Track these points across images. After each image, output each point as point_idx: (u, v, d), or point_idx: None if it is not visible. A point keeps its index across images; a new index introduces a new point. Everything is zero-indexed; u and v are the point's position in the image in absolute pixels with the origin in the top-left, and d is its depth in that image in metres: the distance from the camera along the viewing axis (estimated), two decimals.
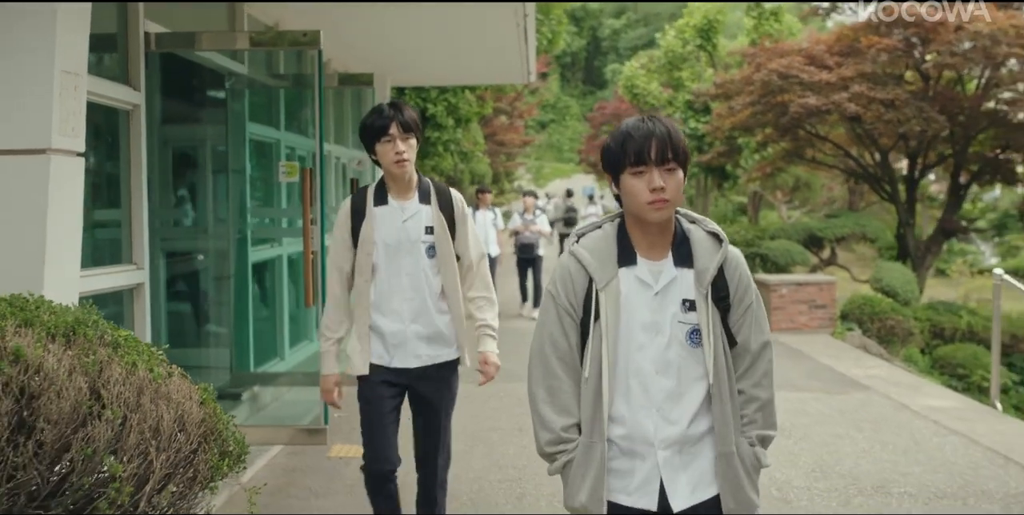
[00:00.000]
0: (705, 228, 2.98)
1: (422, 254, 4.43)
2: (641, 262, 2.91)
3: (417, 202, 4.47)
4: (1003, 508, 6.00)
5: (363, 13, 8.83)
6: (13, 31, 4.46)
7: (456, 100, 17.81)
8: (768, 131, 18.41)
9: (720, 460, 2.87)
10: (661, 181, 2.80)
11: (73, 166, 4.68)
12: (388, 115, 4.36)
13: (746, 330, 2.94)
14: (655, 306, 2.88)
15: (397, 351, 4.44)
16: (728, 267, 2.93)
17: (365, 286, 4.44)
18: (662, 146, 2.81)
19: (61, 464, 2.88)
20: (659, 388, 2.87)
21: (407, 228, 4.43)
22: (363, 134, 4.45)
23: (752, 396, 2.93)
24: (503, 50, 11.54)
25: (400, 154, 4.36)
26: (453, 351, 4.53)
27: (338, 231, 4.47)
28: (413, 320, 4.42)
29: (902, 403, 9.36)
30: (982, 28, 14.31)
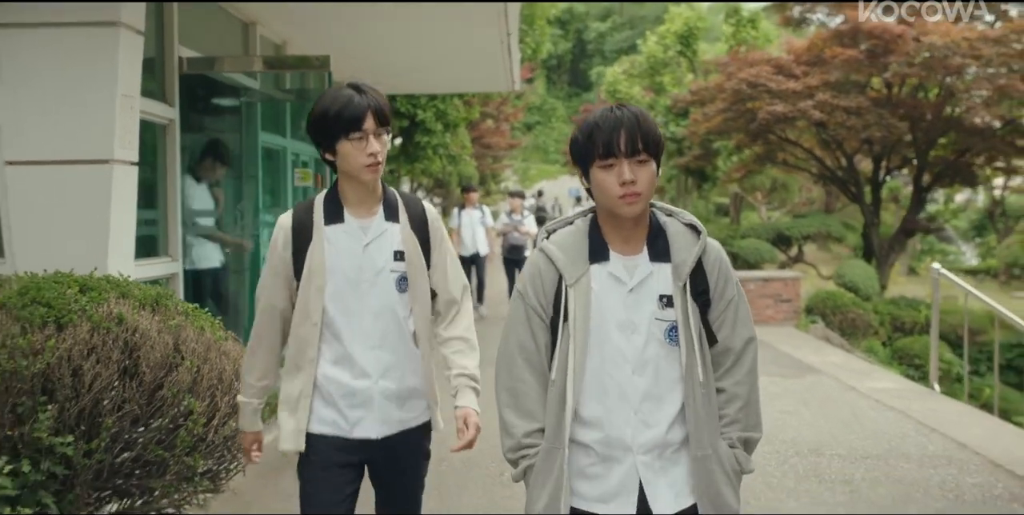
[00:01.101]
0: (682, 220, 2.83)
1: (390, 287, 3.29)
2: (614, 257, 2.77)
3: (382, 219, 3.32)
4: (918, 466, 6.98)
5: (360, 28, 9.78)
6: (81, 63, 5.43)
7: (445, 106, 18.73)
8: (740, 136, 19.43)
9: (695, 464, 2.71)
10: (631, 174, 2.66)
11: (129, 173, 5.64)
12: (360, 103, 3.15)
13: (728, 326, 2.79)
14: (630, 303, 2.74)
15: (359, 416, 3.28)
16: (707, 260, 2.78)
17: (312, 333, 3.25)
18: (631, 136, 2.66)
19: (155, 399, 3.83)
20: (636, 390, 2.72)
21: (370, 254, 3.28)
22: (320, 126, 3.21)
23: (734, 394, 2.78)
24: (488, 62, 12.50)
25: (375, 155, 3.18)
26: (426, 410, 3.42)
27: (274, 258, 3.32)
28: (382, 375, 3.28)
29: (850, 385, 10.34)
30: (936, 41, 15.34)
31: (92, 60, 5.43)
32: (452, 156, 20.47)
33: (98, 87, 5.43)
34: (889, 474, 6.76)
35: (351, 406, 3.28)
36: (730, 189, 32.90)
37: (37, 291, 3.81)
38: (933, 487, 6.44)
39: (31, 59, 5.41)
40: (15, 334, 3.65)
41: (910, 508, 6.00)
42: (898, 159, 19.09)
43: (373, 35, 10.26)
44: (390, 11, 8.93)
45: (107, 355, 3.71)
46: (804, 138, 19.60)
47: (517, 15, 11.33)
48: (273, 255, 3.33)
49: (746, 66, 17.76)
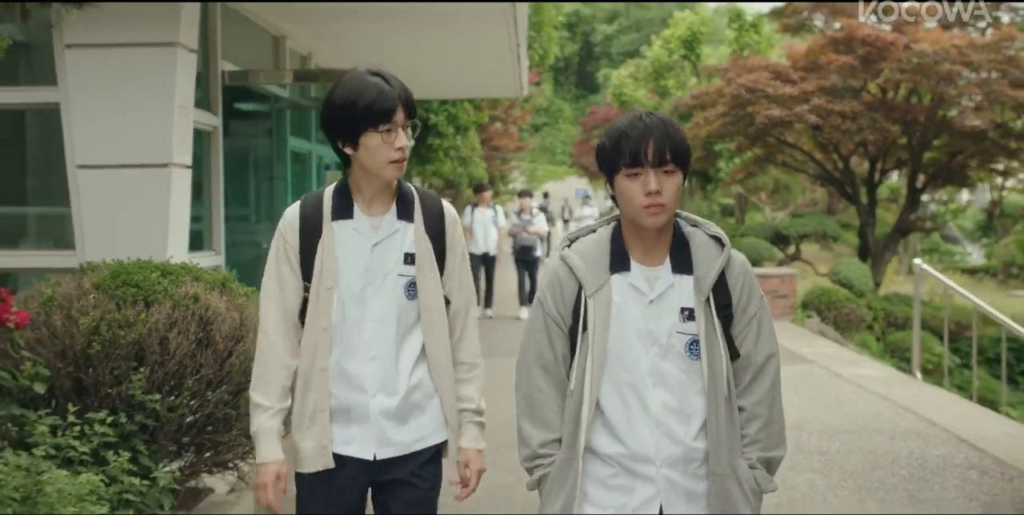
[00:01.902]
0: (707, 231, 2.77)
1: (398, 293, 3.03)
2: (635, 268, 2.73)
3: (395, 217, 3.07)
4: (889, 440, 7.70)
5: (379, 39, 10.52)
6: (144, 78, 6.19)
7: (456, 110, 19.48)
8: (740, 139, 20.16)
9: (714, 482, 2.66)
10: (657, 184, 2.61)
11: (184, 175, 6.40)
12: (391, 94, 2.90)
13: (750, 341, 2.72)
14: (650, 315, 2.69)
15: (353, 433, 3.02)
16: (731, 273, 2.73)
17: (324, 339, 3.00)
18: (660, 146, 2.60)
19: (225, 365, 4.58)
20: (657, 402, 2.67)
21: (379, 255, 3.03)
22: (345, 117, 2.92)
23: (754, 414, 2.71)
24: (498, 71, 13.25)
25: (403, 150, 2.95)
26: (438, 432, 3.11)
27: (279, 254, 3.05)
28: (379, 389, 3.01)
29: (837, 373, 11.07)
30: (927, 48, 16.05)
31: (153, 75, 6.18)
32: (463, 158, 21.23)
33: (158, 99, 6.19)
34: (862, 446, 7.49)
35: (346, 421, 3.01)
36: (734, 190, 33.65)
37: (127, 275, 4.56)
38: (900, 457, 7.17)
39: (100, 75, 6.17)
40: (112, 310, 4.39)
41: (877, 474, 6.72)
42: (892, 161, 19.77)
43: (390, 46, 11.00)
44: (407, 24, 9.67)
45: (186, 328, 4.45)
46: (802, 141, 20.29)
47: (525, 27, 12.08)
48: (279, 250, 3.04)
49: (745, 72, 18.49)
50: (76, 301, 4.47)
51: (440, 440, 3.10)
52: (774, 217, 33.33)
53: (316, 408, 2.99)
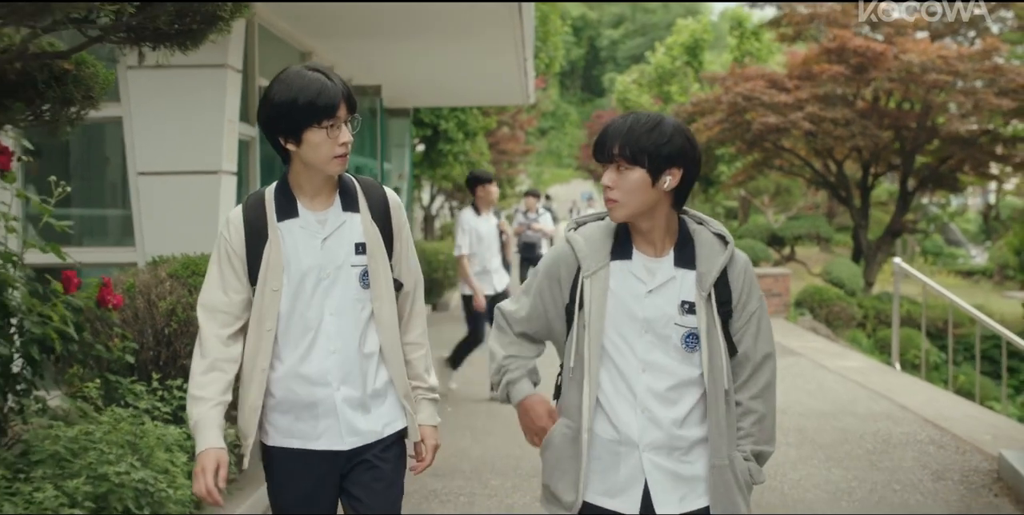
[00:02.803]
0: (711, 229, 2.85)
1: (353, 283, 3.05)
2: (637, 257, 2.81)
3: (340, 210, 3.08)
4: (860, 421, 8.51)
5: (397, 55, 11.37)
6: (197, 96, 7.03)
7: (465, 116, 20.30)
8: (738, 144, 20.99)
9: (713, 472, 2.76)
10: (609, 180, 2.73)
11: (231, 181, 7.24)
12: (334, 90, 2.90)
13: (749, 339, 2.80)
14: (647, 304, 2.77)
15: (324, 427, 3.04)
16: (732, 271, 2.81)
17: (267, 339, 2.99)
18: (612, 143, 2.71)
19: None
20: (645, 387, 2.76)
21: (329, 249, 3.04)
22: (286, 113, 2.89)
23: (749, 408, 2.80)
24: (506, 81, 14.12)
25: (347, 145, 2.96)
26: (400, 418, 3.15)
27: (222, 258, 3.04)
28: (342, 381, 3.03)
29: (822, 364, 11.88)
30: (914, 58, 16.86)
31: (205, 93, 7.03)
32: (471, 162, 22.04)
33: (210, 114, 7.04)
34: (835, 425, 8.31)
35: (313, 416, 3.02)
36: (735, 193, 34.44)
37: (195, 265, 5.41)
38: (868, 434, 7.99)
39: (158, 93, 7.02)
40: (185, 295, 5.24)
41: (845, 447, 7.54)
42: (884, 165, 20.57)
43: (405, 58, 11.85)
44: (421, 39, 10.54)
45: None
46: (798, 146, 21.10)
47: (532, 41, 12.94)
48: (222, 255, 3.03)
49: (742, 80, 19.32)
50: (154, 288, 5.31)
51: (403, 426, 3.13)
52: (776, 220, 34.13)
53: (252, 407, 2.99)
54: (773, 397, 2.85)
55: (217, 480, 2.86)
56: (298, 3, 8.33)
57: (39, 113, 4.16)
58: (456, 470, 6.71)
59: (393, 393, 3.12)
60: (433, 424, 3.22)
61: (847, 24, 19.14)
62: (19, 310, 4.35)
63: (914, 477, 6.75)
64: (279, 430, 3.05)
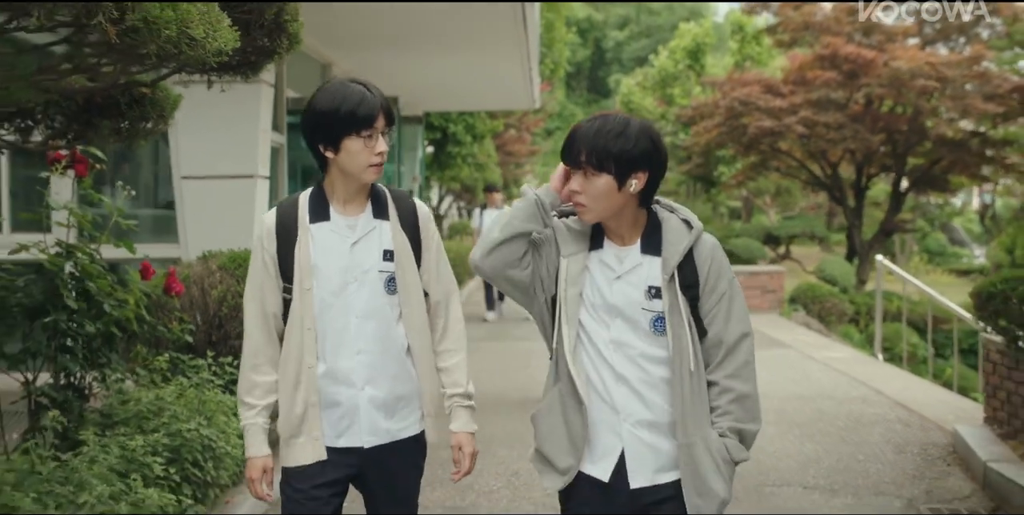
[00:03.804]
0: (680, 216, 2.91)
1: (379, 289, 3.16)
2: (607, 246, 2.90)
3: (371, 216, 3.20)
4: (837, 404, 9.29)
5: (406, 60, 12.19)
6: (235, 108, 7.82)
7: (473, 120, 21.10)
8: (736, 146, 21.78)
9: (682, 450, 2.80)
10: (577, 185, 2.80)
11: (265, 184, 8.04)
12: (373, 101, 3.06)
13: (720, 321, 2.83)
14: (616, 290, 2.85)
15: (344, 426, 3.15)
16: (699, 254, 2.84)
17: (309, 338, 3.11)
18: (579, 150, 2.77)
19: None
20: (621, 365, 2.84)
21: (357, 253, 3.16)
22: (328, 122, 3.05)
23: (726, 387, 2.82)
24: (513, 87, 14.92)
25: (382, 155, 3.11)
26: (418, 421, 3.24)
27: (257, 260, 3.20)
28: (368, 382, 3.14)
29: (809, 355, 12.65)
30: (902, 65, 17.64)
31: (242, 106, 7.84)
32: (479, 164, 22.83)
33: (246, 124, 7.84)
34: (813, 407, 9.08)
35: (337, 415, 3.12)
36: (739, 193, 35.22)
37: (240, 259, 6.21)
38: (842, 414, 8.77)
39: (200, 106, 7.79)
40: (233, 284, 6.04)
41: (819, 425, 8.32)
42: (877, 167, 21.33)
43: (418, 67, 12.67)
44: (433, 50, 11.35)
45: None
46: (794, 149, 21.87)
47: (537, 51, 13.73)
48: (257, 257, 3.18)
49: (739, 86, 20.12)
50: (206, 278, 6.12)
51: (421, 429, 3.21)
52: (777, 220, 34.87)
53: (307, 404, 3.09)
54: (752, 375, 2.86)
55: (264, 485, 3.14)
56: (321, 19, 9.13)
57: (119, 129, 4.94)
58: None
59: (417, 397, 3.21)
60: (470, 431, 3.26)
61: (840, 31, 19.90)
62: (100, 294, 5.15)
63: (878, 450, 7.53)
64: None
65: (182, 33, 2.97)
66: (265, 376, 3.14)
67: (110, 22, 2.84)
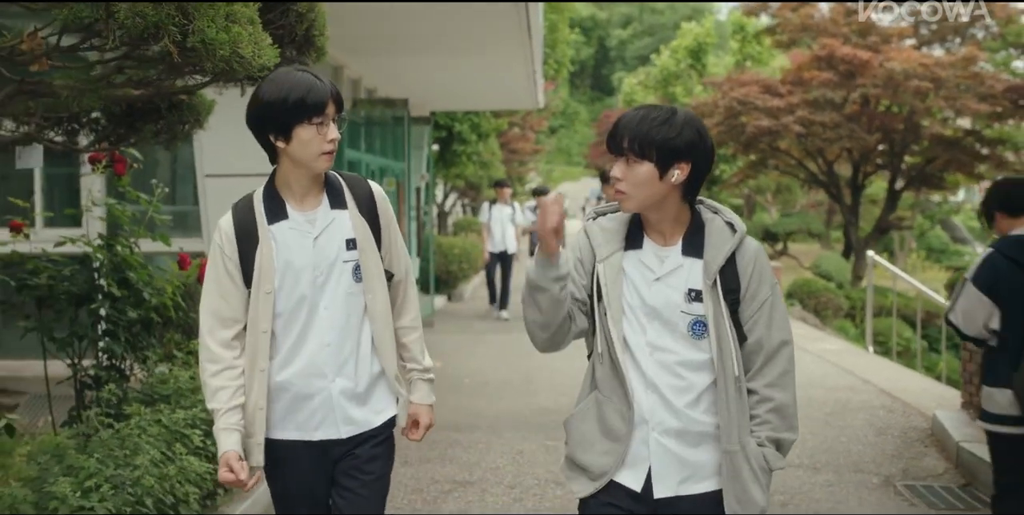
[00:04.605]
0: (724, 218, 2.87)
1: (347, 278, 3.15)
2: (647, 246, 2.85)
3: (328, 208, 3.16)
4: (825, 391, 9.76)
5: (415, 63, 12.67)
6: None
7: (478, 119, 21.56)
8: (735, 145, 22.26)
9: (724, 458, 2.79)
10: (619, 172, 2.77)
11: None
12: (323, 88, 3.03)
13: (761, 327, 2.81)
14: (655, 291, 2.81)
15: (320, 418, 3.16)
16: (741, 259, 2.81)
17: (263, 341, 3.10)
18: (622, 137, 2.75)
19: None
20: (654, 371, 2.81)
21: (321, 247, 3.13)
22: (277, 110, 3.00)
23: (765, 396, 2.80)
24: (517, 89, 15.42)
25: (334, 142, 3.07)
26: (391, 407, 3.28)
27: (217, 264, 3.15)
28: (338, 372, 3.15)
29: (803, 347, 13.08)
30: (896, 66, 18.11)
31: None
32: (484, 162, 23.29)
33: None
34: (802, 394, 9.32)
35: (311, 408, 3.14)
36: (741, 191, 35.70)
37: None
38: (830, 400, 9.24)
39: (221, 107, 8.26)
40: None
41: (807, 410, 8.77)
42: (873, 165, 21.80)
43: (425, 69, 13.16)
44: (440, 52, 11.83)
45: None
46: (793, 148, 22.34)
47: (540, 55, 14.22)
48: (217, 261, 3.13)
49: (738, 86, 20.60)
50: None
51: (394, 414, 3.26)
52: (777, 217, 35.34)
53: (256, 407, 3.10)
54: (792, 385, 2.86)
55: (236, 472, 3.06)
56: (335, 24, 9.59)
57: (158, 132, 5.42)
58: (474, 425, 7.99)
59: (384, 383, 3.23)
60: (428, 403, 3.35)
61: (837, 33, 20.35)
62: (139, 283, 5.64)
63: (860, 433, 8.00)
64: (277, 422, 3.16)
65: (234, 53, 3.43)
66: (229, 381, 3.10)
67: (174, 44, 3.31)
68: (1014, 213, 4.67)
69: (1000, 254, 4.59)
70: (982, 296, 4.55)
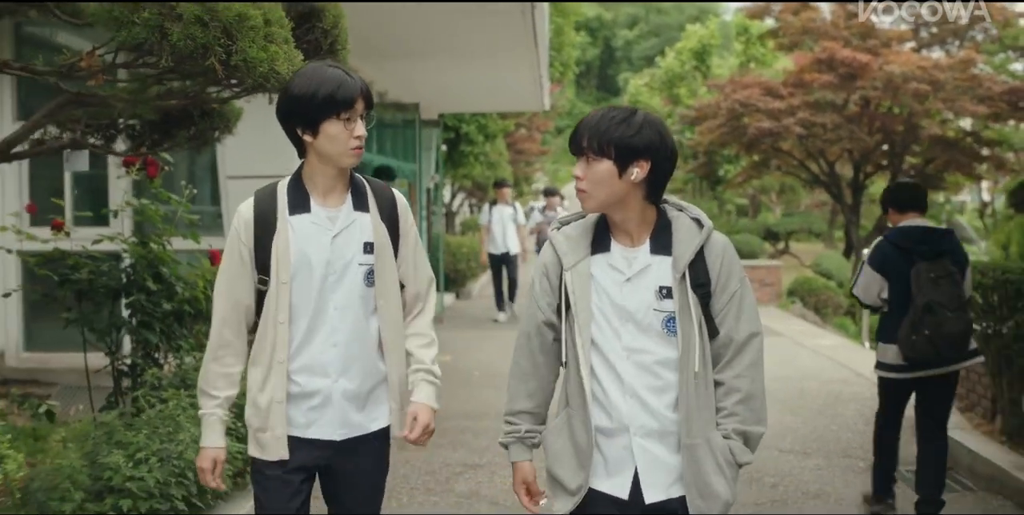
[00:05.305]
0: (689, 214, 2.89)
1: (358, 281, 3.15)
2: (615, 249, 2.86)
3: (351, 208, 3.17)
4: (819, 384, 10.16)
5: (423, 67, 13.08)
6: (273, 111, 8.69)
7: (485, 120, 21.96)
8: (737, 146, 22.67)
9: (684, 452, 2.78)
10: (579, 171, 2.80)
11: None
12: (353, 85, 3.04)
13: (731, 319, 2.82)
14: (626, 292, 2.82)
15: (315, 417, 3.15)
16: (709, 253, 2.83)
17: (282, 332, 3.09)
18: (582, 136, 2.78)
19: None
20: (632, 375, 2.81)
21: (338, 246, 3.13)
22: (307, 105, 3.02)
23: (732, 387, 2.81)
24: (523, 92, 15.81)
25: (361, 138, 3.09)
26: (386, 415, 3.27)
27: (232, 251, 3.17)
28: (341, 373, 3.14)
29: (800, 343, 13.53)
30: (895, 69, 18.49)
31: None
32: (491, 163, 23.69)
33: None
34: (796, 386, 9.97)
35: (309, 407, 3.11)
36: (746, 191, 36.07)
37: None
38: (822, 392, 9.66)
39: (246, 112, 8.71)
40: None
41: (800, 401, 9.21)
42: (873, 166, 22.17)
43: (434, 73, 13.58)
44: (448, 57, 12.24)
45: None
46: (794, 148, 22.73)
47: (546, 59, 14.64)
48: (233, 248, 3.13)
49: (740, 88, 20.99)
50: None
51: (388, 423, 3.24)
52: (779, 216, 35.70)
53: (273, 400, 3.07)
54: (760, 377, 2.86)
55: (215, 476, 3.13)
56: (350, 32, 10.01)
57: (191, 137, 5.84)
58: (484, 414, 8.40)
59: (386, 390, 3.22)
60: (431, 405, 3.24)
61: (837, 36, 20.73)
62: (171, 277, 6.06)
63: (850, 421, 8.41)
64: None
65: (271, 69, 3.85)
66: (228, 368, 3.12)
67: (219, 62, 3.74)
68: (900, 209, 5.82)
69: (887, 241, 5.72)
70: (875, 274, 5.69)
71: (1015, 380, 7.04)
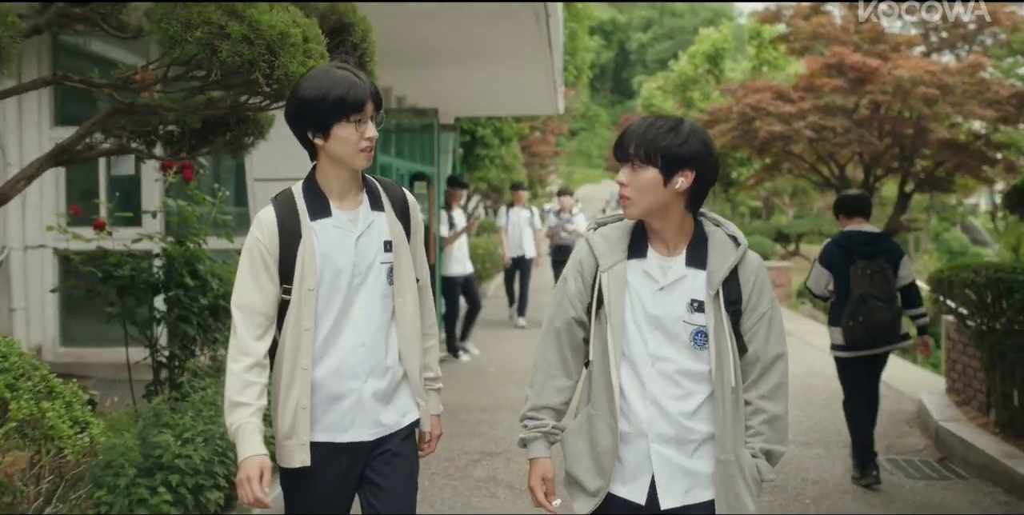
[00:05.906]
0: (726, 231, 2.92)
1: (382, 280, 3.15)
2: (651, 256, 2.89)
3: (368, 209, 3.17)
4: (824, 379, 10.47)
5: (440, 72, 13.48)
6: None
7: (500, 124, 22.35)
8: (749, 150, 23.02)
9: (718, 466, 2.83)
10: (624, 177, 2.81)
11: None
12: (363, 87, 3.03)
13: (759, 339, 2.85)
14: (658, 301, 2.85)
15: (351, 419, 3.12)
16: (743, 272, 2.86)
17: (306, 339, 3.05)
18: (629, 143, 2.80)
19: None
20: (655, 382, 2.84)
21: (362, 247, 3.12)
22: (317, 107, 3.00)
23: (759, 408, 2.85)
24: (538, 96, 16.21)
25: (372, 139, 3.07)
26: (414, 410, 3.27)
27: (254, 259, 3.07)
28: (370, 373, 3.13)
29: (808, 342, 13.85)
30: (904, 73, 18.81)
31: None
32: (506, 165, 24.08)
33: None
34: (802, 382, 10.30)
35: (341, 409, 3.09)
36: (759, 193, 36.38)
37: None
38: (828, 388, 9.98)
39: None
40: None
41: (806, 397, 9.57)
42: (883, 169, 22.48)
43: (451, 78, 13.98)
44: (465, 63, 12.64)
45: None
46: (805, 152, 23.06)
47: (560, 64, 15.02)
48: (255, 256, 3.06)
49: (752, 92, 21.35)
50: None
51: (417, 417, 3.25)
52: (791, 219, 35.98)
53: (298, 406, 3.02)
54: (785, 398, 2.90)
55: (262, 486, 2.91)
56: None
57: (228, 143, 6.22)
58: (500, 406, 8.78)
59: (407, 386, 3.22)
60: (437, 413, 3.35)
61: (847, 41, 21.05)
62: (207, 273, 6.45)
63: None
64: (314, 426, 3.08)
65: None
66: (259, 377, 3.01)
67: (263, 76, 4.12)
68: (848, 215, 6.81)
69: (834, 243, 6.73)
70: (823, 269, 6.69)
71: (1007, 374, 7.37)
